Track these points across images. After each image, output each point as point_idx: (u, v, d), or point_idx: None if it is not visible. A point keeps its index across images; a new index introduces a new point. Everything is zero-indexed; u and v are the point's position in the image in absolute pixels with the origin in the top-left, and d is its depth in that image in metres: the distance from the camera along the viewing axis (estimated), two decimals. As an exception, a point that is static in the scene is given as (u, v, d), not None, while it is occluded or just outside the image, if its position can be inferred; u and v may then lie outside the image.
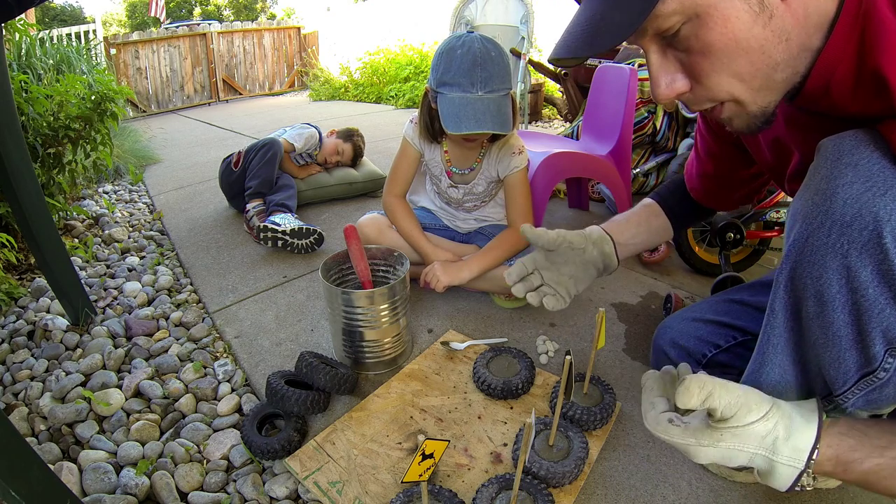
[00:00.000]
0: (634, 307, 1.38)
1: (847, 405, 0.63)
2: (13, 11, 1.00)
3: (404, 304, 1.09)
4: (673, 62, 0.58)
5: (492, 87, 1.11)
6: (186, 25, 7.36)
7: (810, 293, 0.59)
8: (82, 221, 2.06)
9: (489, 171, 1.32)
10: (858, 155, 0.54)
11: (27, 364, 1.15)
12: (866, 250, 0.53)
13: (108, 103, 1.70)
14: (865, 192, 0.52)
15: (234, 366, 1.16)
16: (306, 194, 2.12)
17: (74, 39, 5.29)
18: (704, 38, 0.53)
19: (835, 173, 0.55)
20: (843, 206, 0.54)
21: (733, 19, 0.51)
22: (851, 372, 0.60)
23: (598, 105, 1.91)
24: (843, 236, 0.54)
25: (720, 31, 0.52)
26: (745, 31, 0.52)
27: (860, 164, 0.54)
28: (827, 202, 0.55)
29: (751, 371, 0.73)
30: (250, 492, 0.83)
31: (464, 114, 1.10)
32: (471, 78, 1.10)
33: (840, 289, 0.56)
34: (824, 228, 0.56)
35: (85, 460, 0.89)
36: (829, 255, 0.56)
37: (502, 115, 1.12)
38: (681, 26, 0.53)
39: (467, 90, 1.11)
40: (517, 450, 0.84)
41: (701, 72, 0.57)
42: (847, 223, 0.53)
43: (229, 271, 1.60)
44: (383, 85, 6.21)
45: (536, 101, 4.49)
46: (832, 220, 0.55)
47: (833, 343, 0.59)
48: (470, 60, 1.10)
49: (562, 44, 0.58)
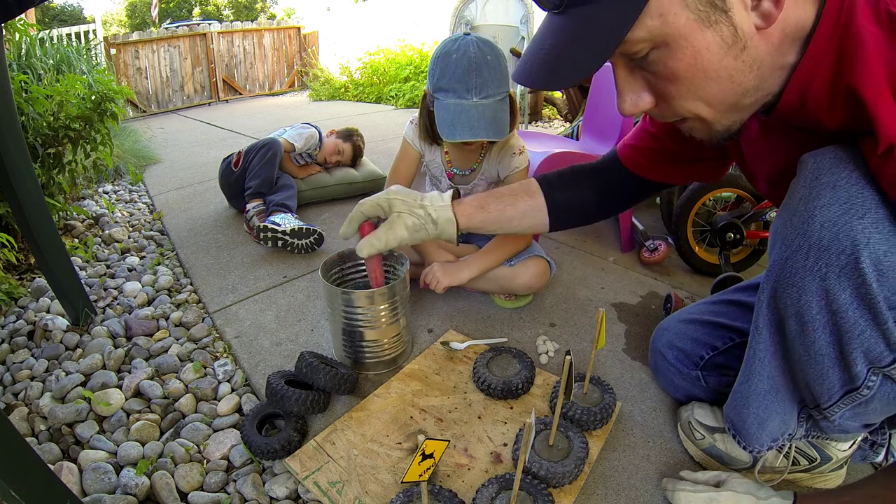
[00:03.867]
0: (634, 307, 1.38)
1: (835, 417, 0.64)
2: (13, 11, 1.00)
3: (404, 304, 1.09)
4: (640, 80, 0.57)
5: (487, 92, 1.10)
6: (186, 25, 7.36)
7: (791, 312, 0.59)
8: (82, 221, 2.06)
9: (490, 172, 1.32)
10: (837, 175, 0.53)
11: (27, 364, 1.15)
12: (844, 273, 0.52)
13: (108, 103, 1.70)
14: (843, 214, 0.52)
15: (234, 366, 1.16)
16: (306, 194, 2.12)
17: (74, 39, 5.29)
18: (673, 66, 0.52)
19: (813, 194, 0.54)
20: (820, 229, 0.53)
21: (703, 51, 0.50)
22: (836, 388, 0.61)
23: (598, 105, 1.91)
24: (820, 260, 0.54)
25: (689, 62, 0.51)
26: (714, 62, 0.51)
27: (839, 184, 0.52)
28: (804, 224, 0.55)
29: (740, 381, 0.74)
30: (250, 492, 0.83)
31: (458, 121, 1.09)
32: (466, 84, 1.09)
33: (820, 310, 0.56)
34: (802, 251, 0.55)
35: (85, 460, 0.89)
36: (807, 278, 0.55)
37: (497, 121, 1.11)
38: (649, 51, 0.52)
39: (462, 96, 1.10)
40: (517, 450, 0.84)
41: (668, 94, 0.56)
42: (824, 247, 0.53)
43: (229, 271, 1.60)
44: (383, 85, 6.20)
45: (536, 101, 4.48)
46: (809, 243, 0.54)
47: (816, 361, 0.59)
48: (465, 66, 1.08)
49: (524, 70, 0.57)
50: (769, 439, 0.74)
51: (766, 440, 0.75)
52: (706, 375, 0.91)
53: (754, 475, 0.81)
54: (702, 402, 0.92)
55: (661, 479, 0.82)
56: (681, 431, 0.91)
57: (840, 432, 0.72)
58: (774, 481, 0.82)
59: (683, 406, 0.94)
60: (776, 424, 0.72)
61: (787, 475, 0.82)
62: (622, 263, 1.64)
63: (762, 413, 0.72)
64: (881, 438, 0.83)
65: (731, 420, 0.79)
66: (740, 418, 0.76)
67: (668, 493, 0.77)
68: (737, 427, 0.78)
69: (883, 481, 0.63)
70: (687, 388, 0.95)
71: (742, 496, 0.70)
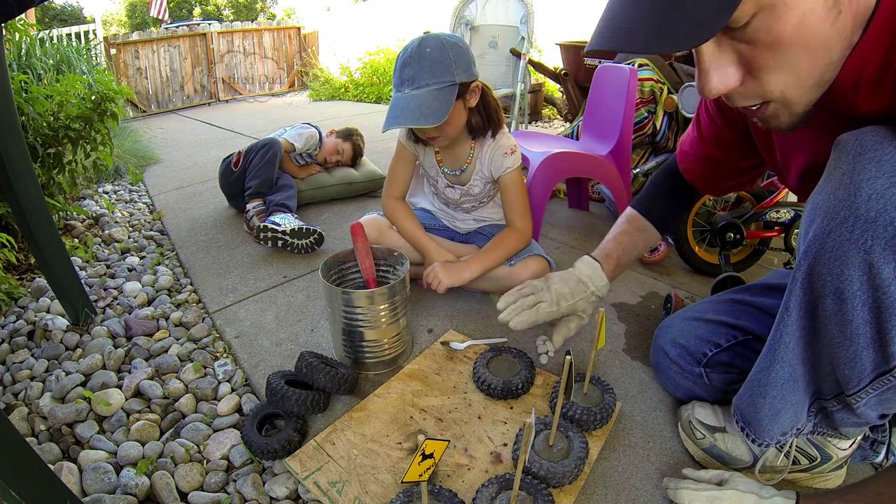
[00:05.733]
0: (634, 307, 1.38)
1: (859, 405, 0.63)
2: (13, 11, 1.00)
3: (404, 304, 1.09)
4: (728, 53, 0.53)
5: (419, 83, 1.11)
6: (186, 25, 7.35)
7: (829, 290, 0.58)
8: (82, 221, 2.06)
9: (483, 172, 1.32)
10: (882, 150, 0.53)
11: (27, 364, 1.15)
12: (890, 247, 0.52)
13: (108, 103, 1.70)
14: (891, 187, 0.51)
15: (234, 366, 1.16)
16: (306, 194, 2.12)
17: (74, 39, 5.29)
18: (777, 30, 0.49)
19: (858, 168, 0.54)
20: (867, 201, 0.53)
21: (809, 14, 0.48)
22: (867, 371, 0.60)
23: (598, 105, 1.91)
24: (866, 232, 0.53)
25: (795, 24, 0.48)
26: (816, 26, 0.49)
27: (884, 159, 0.52)
28: (850, 197, 0.54)
29: (759, 369, 0.73)
30: (250, 492, 0.83)
31: (391, 113, 1.13)
32: (400, 78, 1.14)
33: (861, 286, 0.55)
34: (847, 224, 0.54)
35: (85, 460, 0.89)
36: (851, 251, 0.54)
37: (424, 108, 1.11)
38: (751, 18, 0.49)
39: (399, 89, 1.14)
40: (517, 450, 0.84)
41: (762, 66, 0.52)
42: (871, 219, 0.52)
43: (229, 271, 1.60)
44: (383, 85, 6.20)
45: (536, 101, 4.48)
46: (856, 215, 0.53)
47: (850, 341, 0.59)
48: (400, 62, 1.14)
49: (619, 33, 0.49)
50: (779, 432, 0.74)
51: (776, 433, 0.74)
52: (709, 373, 0.91)
53: (755, 474, 0.81)
54: (702, 402, 0.92)
55: (662, 478, 0.82)
56: (681, 431, 0.91)
57: (853, 426, 0.72)
58: (774, 480, 0.82)
59: (684, 405, 0.94)
60: (788, 416, 0.72)
61: (787, 475, 0.82)
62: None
63: (778, 403, 0.71)
64: (881, 436, 0.83)
65: (741, 411, 0.79)
66: (754, 408, 0.75)
67: (671, 492, 0.76)
68: (748, 419, 0.77)
69: (887, 477, 0.63)
70: (688, 386, 0.95)
71: (745, 495, 0.69)
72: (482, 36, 2.90)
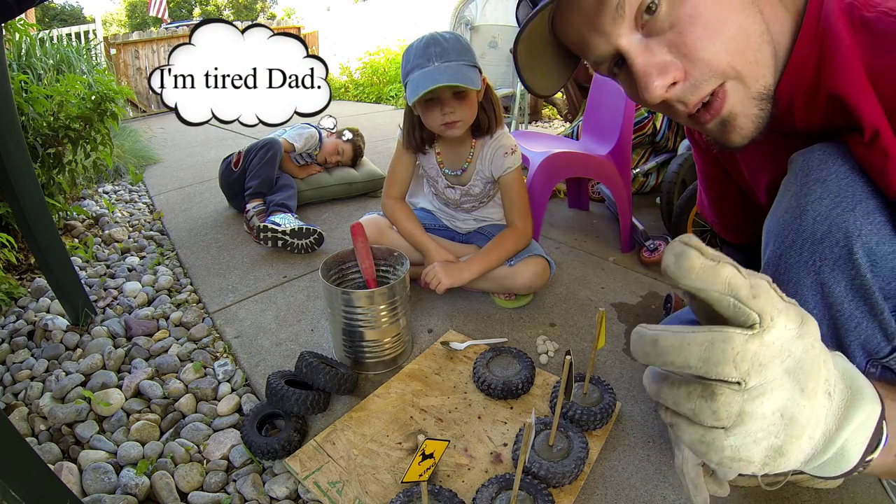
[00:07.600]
0: (634, 307, 1.38)
1: None
2: (13, 11, 1.00)
3: (404, 304, 1.09)
4: (658, 47, 0.53)
5: (448, 58, 1.12)
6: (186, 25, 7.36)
7: None
8: (82, 221, 2.06)
9: (483, 172, 1.32)
10: (827, 170, 0.54)
11: (27, 364, 1.15)
12: (838, 266, 0.53)
13: (108, 103, 1.70)
14: (834, 207, 0.52)
15: (234, 366, 1.16)
16: (306, 194, 2.13)
17: (74, 39, 5.29)
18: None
19: (804, 190, 0.55)
20: (812, 223, 0.54)
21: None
22: None
23: (598, 105, 1.91)
24: (815, 254, 0.54)
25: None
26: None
27: (828, 179, 0.53)
28: (797, 220, 0.55)
29: None
30: (250, 492, 0.83)
31: (422, 82, 1.11)
32: (426, 55, 1.13)
33: (816, 304, 0.56)
34: (796, 247, 0.56)
35: (85, 460, 0.89)
36: (802, 273, 0.56)
37: (461, 73, 1.11)
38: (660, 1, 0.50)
39: (425, 66, 1.13)
40: (517, 450, 0.83)
41: (696, 40, 0.51)
42: (818, 240, 0.54)
43: (229, 271, 1.60)
44: (383, 85, 6.21)
45: (536, 101, 4.48)
46: (803, 237, 0.55)
47: None
48: (423, 43, 1.14)
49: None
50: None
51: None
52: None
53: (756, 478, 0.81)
54: None
55: (662, 479, 0.82)
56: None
57: None
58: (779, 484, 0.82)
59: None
60: None
61: (790, 476, 0.82)
62: (622, 263, 1.64)
63: None
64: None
65: None
66: None
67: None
68: None
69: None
70: None
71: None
72: (482, 36, 2.90)
